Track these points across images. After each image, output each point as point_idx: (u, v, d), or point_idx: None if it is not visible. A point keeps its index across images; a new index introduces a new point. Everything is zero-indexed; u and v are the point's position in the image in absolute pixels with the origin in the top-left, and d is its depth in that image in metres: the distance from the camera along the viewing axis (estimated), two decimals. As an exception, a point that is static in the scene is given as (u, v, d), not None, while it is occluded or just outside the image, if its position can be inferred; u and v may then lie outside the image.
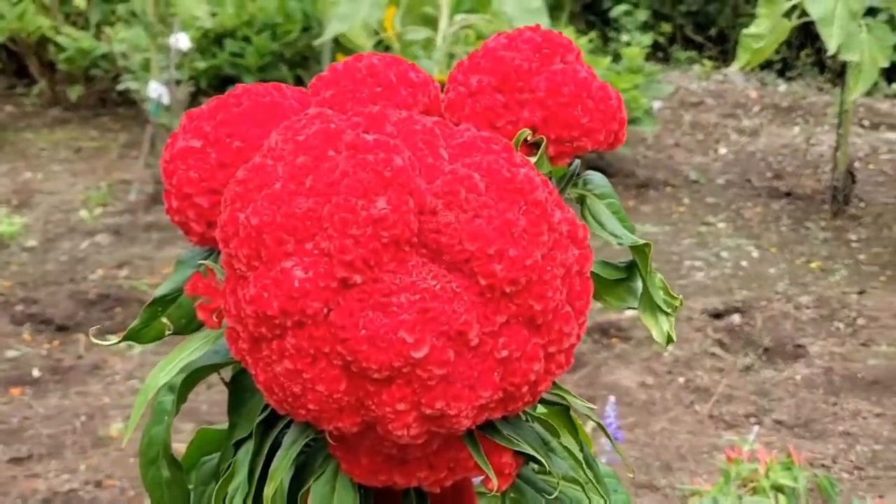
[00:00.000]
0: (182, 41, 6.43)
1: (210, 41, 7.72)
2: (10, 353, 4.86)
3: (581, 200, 1.08)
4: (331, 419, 0.86)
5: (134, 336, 1.03)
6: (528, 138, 1.00)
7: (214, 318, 0.93)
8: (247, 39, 7.78)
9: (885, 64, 5.77)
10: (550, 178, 1.04)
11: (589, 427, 3.49)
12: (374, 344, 0.82)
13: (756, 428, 3.91)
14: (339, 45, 6.67)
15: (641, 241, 1.04)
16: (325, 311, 0.83)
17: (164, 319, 1.03)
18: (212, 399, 4.31)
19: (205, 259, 0.97)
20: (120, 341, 1.03)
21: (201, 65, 7.49)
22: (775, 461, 3.35)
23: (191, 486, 1.11)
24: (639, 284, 1.08)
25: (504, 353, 0.85)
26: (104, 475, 3.99)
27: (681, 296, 1.07)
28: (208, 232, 0.97)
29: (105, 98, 8.60)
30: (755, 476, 3.32)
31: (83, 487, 3.92)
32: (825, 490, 3.49)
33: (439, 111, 1.04)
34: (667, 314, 1.06)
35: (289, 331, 0.84)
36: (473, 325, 0.83)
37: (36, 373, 4.69)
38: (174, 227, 0.97)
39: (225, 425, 1.05)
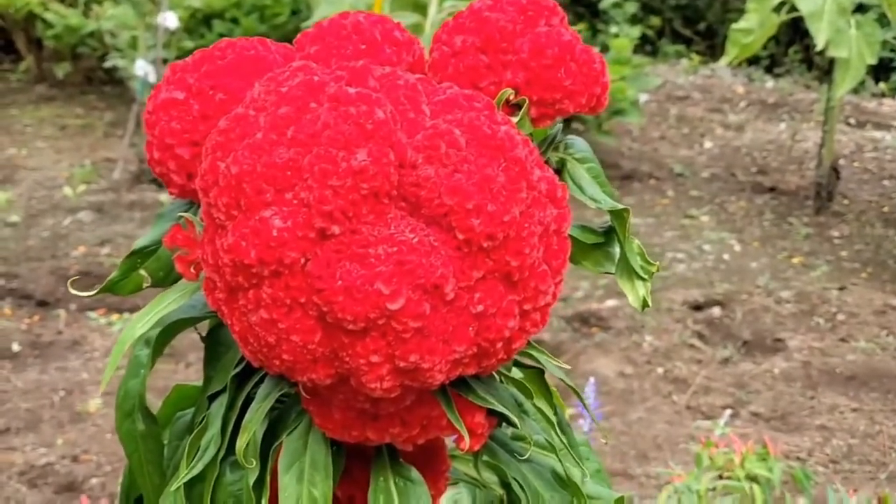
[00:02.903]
0: (170, 20, 6.41)
1: (198, 21, 7.70)
2: (-10, 327, 4.86)
3: (562, 164, 1.08)
4: (304, 370, 0.87)
5: (112, 287, 1.03)
6: (511, 99, 1.00)
7: (192, 270, 0.93)
8: (235, 21, 7.76)
9: (873, 60, 5.78)
10: (532, 140, 1.04)
11: (567, 415, 3.50)
12: (349, 295, 0.82)
13: (727, 412, 3.92)
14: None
15: (620, 206, 1.04)
16: (303, 261, 0.83)
17: (142, 272, 1.03)
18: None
19: (185, 212, 0.97)
20: (98, 293, 1.03)
21: (189, 44, 7.47)
22: (751, 452, 3.36)
23: (165, 442, 1.11)
24: (616, 250, 1.09)
25: (479, 308, 0.86)
26: (81, 450, 3.98)
27: (658, 262, 1.07)
28: (189, 184, 0.97)
29: (91, 76, 8.57)
30: (730, 465, 3.32)
31: (60, 461, 3.92)
32: (800, 482, 3.50)
33: (423, 71, 1.04)
34: (643, 279, 1.06)
35: (265, 280, 0.84)
36: (450, 279, 0.84)
37: (15, 347, 4.68)
38: (157, 206, 0.97)
39: (199, 382, 1.06)
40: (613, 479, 3.92)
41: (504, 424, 1.02)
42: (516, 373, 1.06)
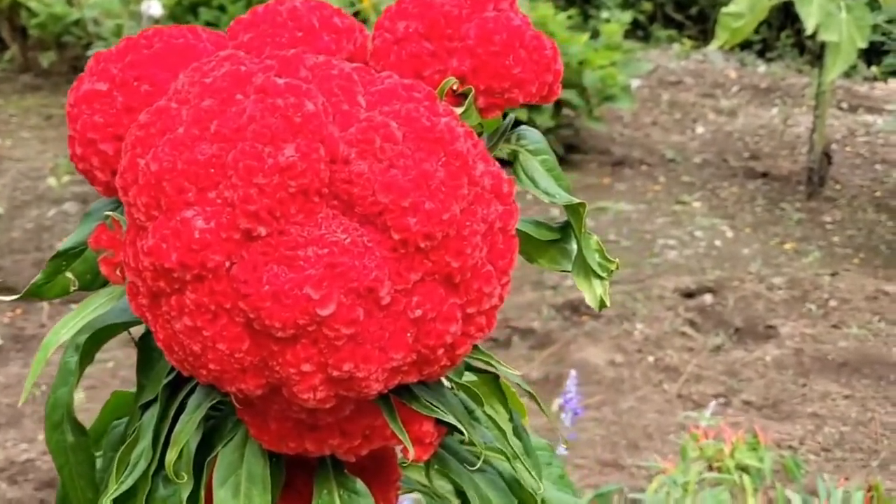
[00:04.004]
0: (154, 8, 6.36)
1: (184, 9, 7.62)
2: (-28, 321, 4.81)
3: (514, 156, 1.03)
4: (233, 380, 0.81)
5: (36, 292, 0.98)
6: (456, 88, 0.94)
7: (118, 273, 0.87)
8: (222, 8, 7.68)
9: (864, 44, 5.72)
10: (481, 132, 0.99)
11: (555, 405, 3.45)
12: (277, 300, 0.77)
13: (713, 402, 3.87)
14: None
15: (576, 201, 0.99)
16: (227, 264, 0.78)
17: (69, 274, 0.97)
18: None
19: (111, 210, 0.91)
20: (21, 297, 0.98)
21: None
22: (741, 441, 3.31)
23: (100, 452, 1.05)
24: (573, 246, 1.03)
25: (418, 312, 0.80)
26: (63, 445, 3.93)
27: (617, 259, 1.01)
28: (114, 181, 0.91)
29: (77, 65, 8.48)
30: (720, 455, 3.28)
31: (41, 457, 3.87)
32: (790, 471, 3.46)
33: (365, 59, 0.98)
34: (601, 278, 1.01)
35: (188, 285, 0.79)
36: (385, 282, 0.78)
37: (-3, 341, 4.64)
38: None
39: (138, 389, 1.00)
40: (604, 469, 3.87)
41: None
42: (470, 376, 1.00)
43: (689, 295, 5.20)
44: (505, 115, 1.02)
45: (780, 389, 4.40)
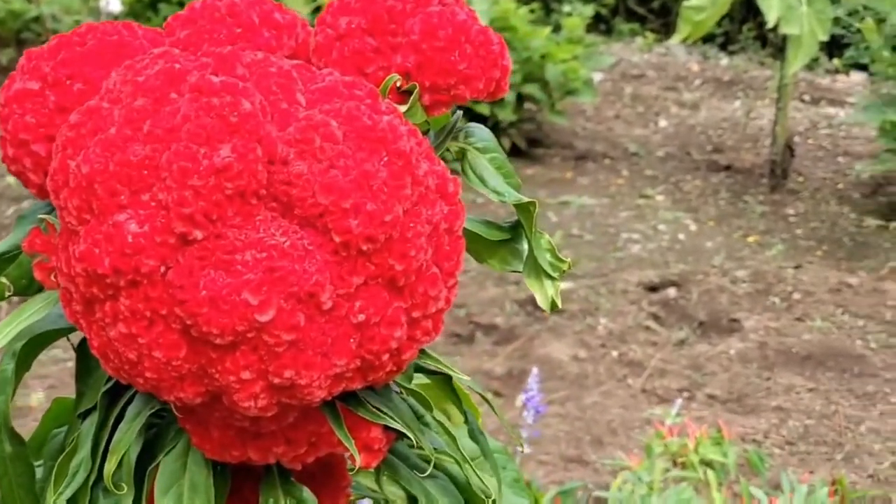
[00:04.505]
0: (113, 4, 6.31)
1: (144, 5, 7.56)
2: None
3: (462, 154, 1.00)
4: (171, 389, 0.79)
5: (-30, 297, 0.95)
6: (400, 85, 0.91)
7: (53, 278, 0.84)
8: (182, 5, 7.64)
9: (824, 37, 5.73)
10: (427, 130, 0.96)
11: (519, 401, 3.43)
12: (215, 306, 0.74)
13: (679, 401, 3.86)
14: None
15: (526, 199, 0.96)
16: (162, 269, 0.75)
17: (3, 279, 0.94)
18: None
19: (47, 213, 0.88)
20: (-46, 303, 0.94)
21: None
22: (705, 436, 3.30)
23: (40, 462, 1.02)
24: (524, 246, 1.00)
25: (361, 317, 0.78)
26: (22, 446, 3.88)
27: (569, 259, 0.99)
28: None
29: (38, 63, 8.44)
30: (684, 451, 3.27)
31: None
32: (755, 465, 3.45)
33: (308, 56, 0.95)
34: (552, 279, 0.98)
35: (122, 291, 0.76)
36: (326, 287, 0.76)
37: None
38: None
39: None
40: (568, 465, 3.86)
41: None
42: (423, 379, 0.98)
43: (652, 289, 5.19)
44: (453, 113, 0.99)
45: (744, 383, 4.39)
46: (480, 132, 1.02)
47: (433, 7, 0.93)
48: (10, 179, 6.19)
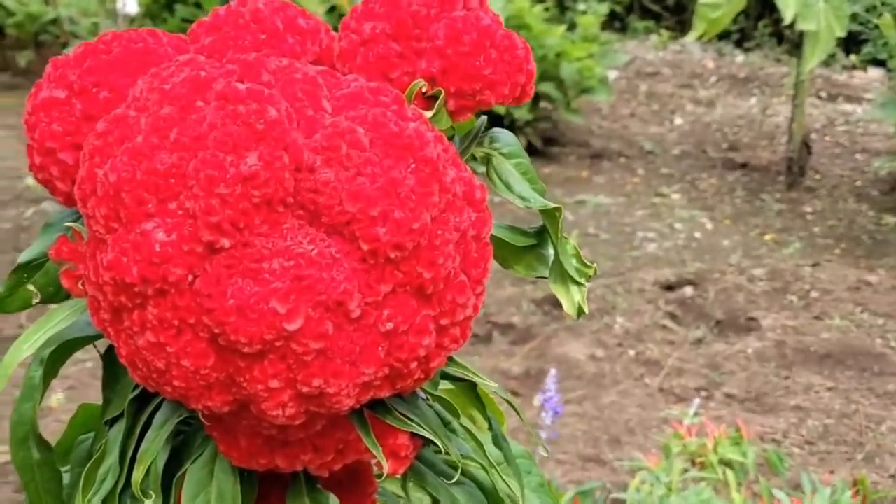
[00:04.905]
0: (130, 6, 6.32)
1: (160, 6, 7.58)
2: (-58, 324, 4.76)
3: (487, 160, 1.00)
4: (199, 397, 0.78)
5: (-3, 304, 0.95)
6: (425, 90, 0.91)
7: (80, 286, 0.84)
8: (198, 5, 7.65)
9: (842, 33, 5.72)
10: (453, 136, 0.96)
11: (536, 401, 3.42)
12: (243, 315, 0.74)
13: (697, 400, 3.85)
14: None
15: (552, 205, 0.96)
16: (190, 278, 0.75)
17: (31, 287, 0.94)
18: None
19: (73, 221, 0.88)
20: (-19, 310, 0.95)
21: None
22: (724, 436, 3.29)
23: (67, 468, 1.02)
24: (550, 251, 1.00)
25: (389, 325, 0.77)
26: (41, 447, 3.89)
27: (595, 263, 0.99)
28: (74, 191, 0.88)
29: (54, 64, 8.47)
30: (703, 451, 3.26)
31: (18, 460, 3.83)
32: (774, 465, 3.44)
33: (332, 62, 0.95)
34: (579, 284, 0.98)
35: (150, 300, 0.75)
36: (354, 295, 0.75)
37: (-30, 344, 4.60)
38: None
39: (106, 402, 0.97)
40: (585, 465, 3.85)
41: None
42: (448, 385, 0.97)
43: (669, 288, 5.18)
44: (477, 117, 0.99)
45: (762, 382, 4.38)
46: (505, 137, 1.01)
47: (458, 12, 0.93)
48: (30, 181, 6.20)
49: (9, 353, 0.89)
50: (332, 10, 6.30)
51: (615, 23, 9.88)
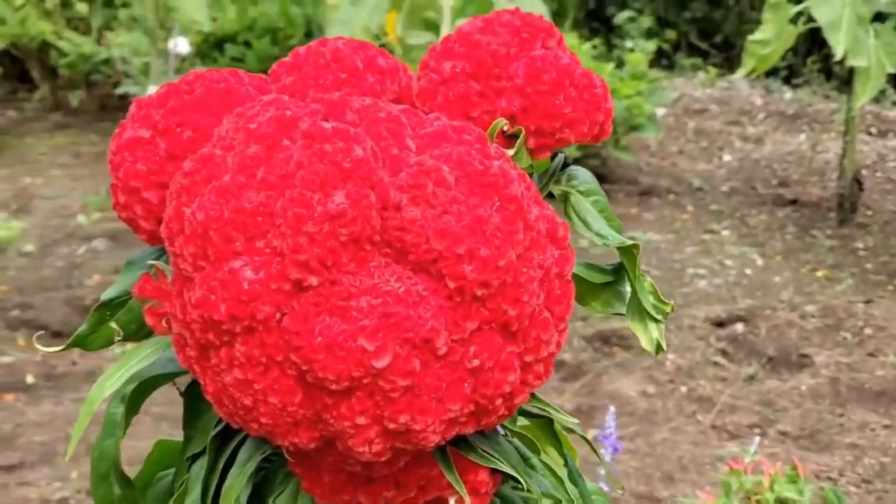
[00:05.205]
0: (181, 45, 6.38)
1: (210, 45, 7.65)
2: (4, 359, 4.79)
3: (565, 198, 1.00)
4: (286, 434, 0.79)
5: (81, 342, 0.96)
6: (505, 129, 0.92)
7: (164, 324, 0.85)
8: (247, 44, 7.71)
9: (893, 69, 5.70)
10: (531, 173, 0.96)
11: (590, 437, 3.41)
12: (331, 352, 0.74)
13: (757, 439, 3.83)
14: (340, 49, 6.59)
15: (629, 242, 0.96)
16: (278, 315, 0.75)
17: (113, 324, 0.95)
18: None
19: (155, 259, 0.89)
20: (65, 348, 0.96)
21: (201, 69, 7.42)
22: (780, 474, 3.27)
23: (146, 505, 1.03)
24: (627, 288, 1.00)
25: (475, 362, 0.78)
26: (96, 484, 3.91)
27: (672, 301, 0.99)
28: (158, 230, 0.89)
29: (106, 103, 8.54)
30: (759, 489, 3.24)
31: (74, 496, 3.85)
32: (831, 503, 3.41)
33: (411, 100, 0.96)
34: (656, 321, 0.98)
35: (238, 337, 0.76)
36: (441, 332, 0.76)
37: (30, 379, 4.62)
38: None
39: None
40: (640, 502, 3.83)
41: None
42: (523, 421, 0.98)
43: (720, 324, 5.16)
44: (554, 156, 0.99)
45: (816, 419, 4.35)
46: (583, 175, 1.02)
47: (537, 51, 0.93)
48: (81, 219, 6.26)
49: (93, 389, 0.89)
50: (380, 48, 6.32)
51: (663, 60, 9.88)
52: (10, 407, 4.44)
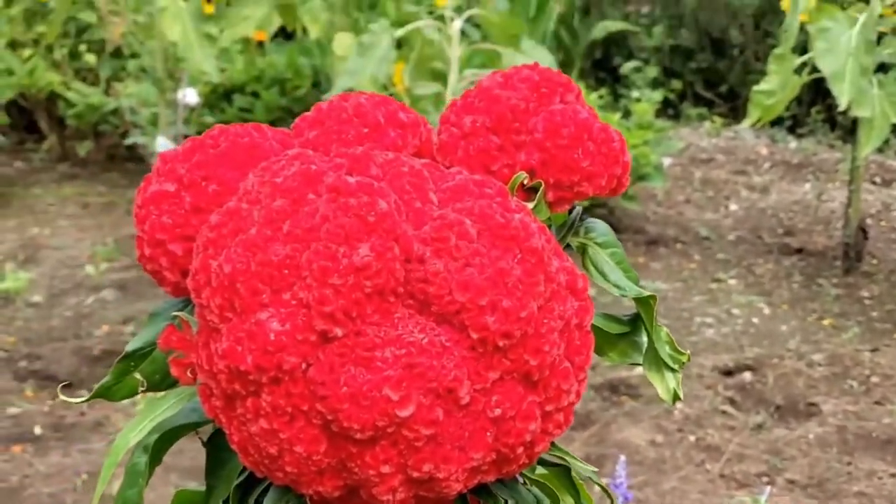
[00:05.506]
0: (190, 96, 6.41)
1: (219, 96, 7.69)
2: (12, 410, 4.79)
3: (582, 249, 1.02)
4: (310, 483, 0.80)
5: (105, 393, 0.97)
6: (525, 182, 0.93)
7: (189, 374, 0.86)
8: (255, 94, 7.75)
9: (896, 119, 5.72)
10: (550, 226, 0.98)
11: (596, 488, 3.42)
12: (356, 402, 0.76)
13: (768, 488, 3.83)
14: (348, 100, 6.63)
15: (646, 293, 0.98)
16: (304, 366, 0.77)
17: (137, 375, 0.96)
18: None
19: (180, 311, 0.91)
20: (90, 399, 0.97)
21: (209, 120, 7.46)
22: (789, 522, 3.27)
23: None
24: (643, 339, 1.02)
25: (497, 411, 0.79)
26: (104, 534, 3.91)
27: (688, 351, 1.00)
28: (183, 282, 0.91)
29: (114, 153, 8.57)
30: (769, 537, 3.24)
31: (83, 548, 3.86)
32: (840, 552, 3.41)
33: (431, 154, 0.98)
34: (673, 370, 0.99)
35: (264, 387, 0.78)
36: (464, 382, 0.77)
37: (38, 430, 4.62)
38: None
39: (203, 488, 0.99)
40: (648, 552, 3.83)
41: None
42: (540, 469, 0.99)
43: (728, 373, 5.16)
44: (571, 209, 1.01)
45: (824, 468, 4.35)
46: (600, 227, 1.03)
47: (555, 105, 0.95)
48: (89, 269, 6.27)
49: (118, 440, 0.91)
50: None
51: (669, 110, 9.92)
52: (18, 458, 4.44)
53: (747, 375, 5.11)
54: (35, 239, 6.97)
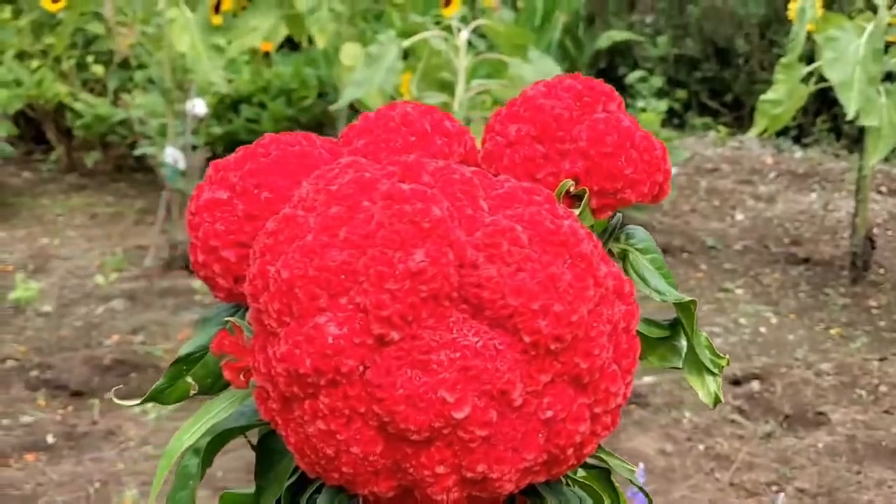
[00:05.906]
0: (198, 107, 6.42)
1: (226, 107, 7.71)
2: (25, 419, 4.81)
3: (624, 255, 1.04)
4: (366, 483, 0.82)
5: (157, 396, 0.99)
6: (571, 189, 0.95)
7: (241, 378, 0.88)
8: (262, 105, 7.78)
9: (904, 129, 5.74)
10: (593, 232, 1.00)
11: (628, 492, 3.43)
12: (412, 404, 0.77)
13: (781, 495, 3.84)
14: (355, 110, 6.66)
15: (686, 298, 1.00)
16: (361, 369, 0.79)
17: (189, 379, 0.98)
18: (227, 465, 4.25)
19: (231, 316, 0.93)
20: (143, 402, 0.99)
21: (217, 130, 7.49)
22: (800, 530, 3.29)
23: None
24: (683, 343, 1.04)
25: (549, 413, 0.81)
26: (117, 543, 3.93)
27: (727, 355, 1.02)
28: (235, 287, 0.93)
29: (122, 164, 8.59)
30: (780, 546, 3.25)
31: (96, 556, 3.87)
32: (851, 560, 3.43)
33: (476, 162, 1.00)
34: (713, 374, 1.01)
35: (322, 390, 0.79)
36: (517, 384, 0.79)
37: (50, 439, 4.64)
38: (190, 293, 0.93)
39: (248, 489, 1.01)
40: (659, 560, 3.85)
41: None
42: (580, 471, 1.01)
43: (736, 382, 5.18)
44: (612, 216, 1.03)
45: (834, 477, 4.36)
46: (640, 233, 1.06)
47: (598, 114, 0.97)
48: (99, 279, 6.29)
49: (171, 443, 0.92)
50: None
51: (674, 119, 9.94)
52: (31, 467, 4.45)
53: (755, 385, 5.12)
54: (44, 249, 6.99)
